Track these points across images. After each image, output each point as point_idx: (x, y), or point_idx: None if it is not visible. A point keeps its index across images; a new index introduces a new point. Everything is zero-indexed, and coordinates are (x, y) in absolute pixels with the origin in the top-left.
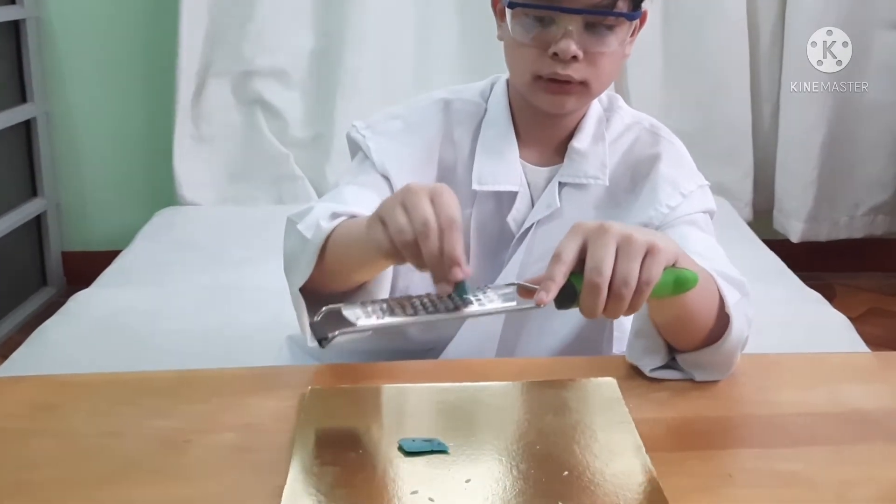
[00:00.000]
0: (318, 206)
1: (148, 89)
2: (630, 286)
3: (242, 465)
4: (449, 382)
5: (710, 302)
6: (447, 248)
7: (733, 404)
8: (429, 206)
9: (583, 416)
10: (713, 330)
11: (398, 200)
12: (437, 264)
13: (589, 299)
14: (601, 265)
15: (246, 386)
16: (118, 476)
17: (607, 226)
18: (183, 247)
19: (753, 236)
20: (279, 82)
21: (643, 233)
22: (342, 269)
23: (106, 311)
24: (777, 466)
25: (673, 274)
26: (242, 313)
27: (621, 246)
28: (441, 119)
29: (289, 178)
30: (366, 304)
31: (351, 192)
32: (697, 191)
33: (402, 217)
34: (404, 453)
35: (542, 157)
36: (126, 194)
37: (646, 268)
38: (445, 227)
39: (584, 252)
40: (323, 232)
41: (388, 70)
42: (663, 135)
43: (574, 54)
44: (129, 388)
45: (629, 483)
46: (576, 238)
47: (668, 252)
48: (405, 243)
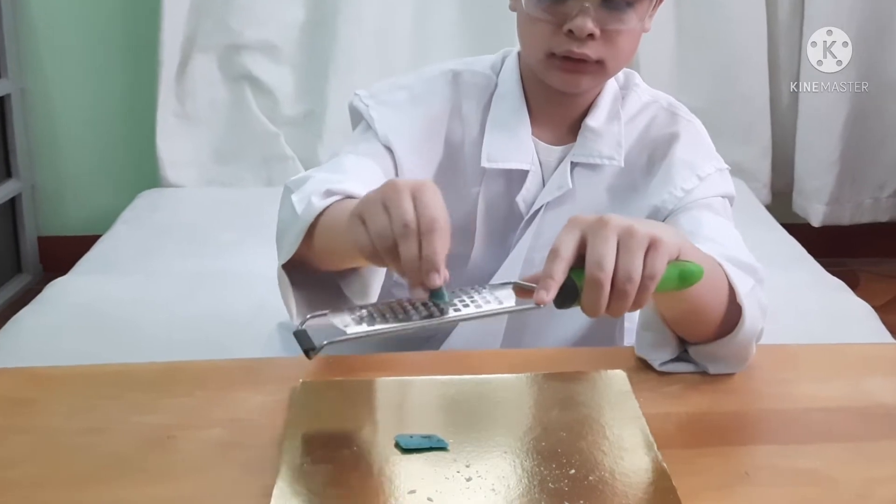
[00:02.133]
0: (315, 175)
1: (129, 64)
2: (634, 281)
3: (230, 462)
4: (449, 375)
5: (719, 293)
6: (426, 252)
7: (749, 398)
8: (410, 206)
9: (591, 411)
10: (725, 321)
11: (379, 198)
12: (413, 269)
13: (591, 296)
14: (602, 260)
15: (234, 378)
16: (98, 475)
17: (606, 218)
18: (166, 231)
19: (771, 220)
20: (268, 57)
21: (645, 225)
22: (329, 254)
23: (85, 299)
24: (796, 464)
25: (677, 268)
26: (230, 301)
27: (622, 239)
28: (449, 91)
29: (278, 158)
30: (354, 310)
31: (351, 162)
32: (715, 174)
33: (383, 217)
34: (401, 450)
35: (554, 136)
36: (106, 175)
37: (649, 262)
38: (425, 229)
39: (583, 247)
40: (313, 211)
41: (384, 44)
42: (682, 114)
43: (590, 32)
44: (109, 381)
45: (640, 482)
46: (574, 232)
47: (672, 244)
48: (385, 247)
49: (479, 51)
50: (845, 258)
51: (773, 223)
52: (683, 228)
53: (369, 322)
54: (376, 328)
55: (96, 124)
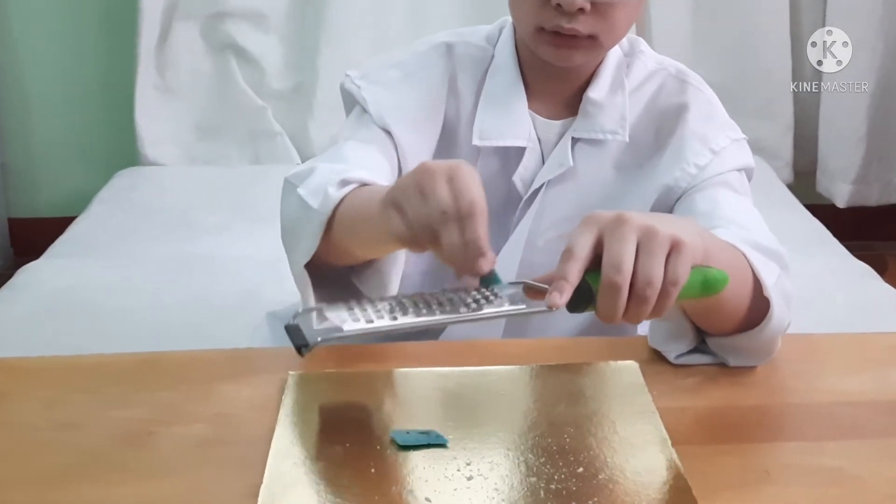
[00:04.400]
0: (320, 166)
1: (105, 33)
2: (654, 287)
3: (214, 460)
4: (448, 366)
5: (743, 286)
6: (469, 237)
7: (771, 392)
8: (447, 190)
9: (600, 405)
10: (750, 314)
11: (414, 183)
12: (459, 255)
13: (607, 301)
14: (620, 262)
15: (219, 370)
16: (73, 473)
17: (626, 216)
18: (146, 212)
19: (794, 200)
20: (255, 25)
21: (667, 224)
22: (349, 245)
23: (59, 285)
24: (820, 462)
25: (701, 274)
26: (215, 287)
27: (642, 240)
28: (444, 65)
29: (266, 134)
30: (352, 306)
31: (352, 150)
32: (731, 146)
33: (420, 203)
34: (398, 447)
35: (554, 110)
36: (81, 153)
37: (671, 266)
38: (466, 213)
39: (599, 246)
40: (331, 202)
41: (378, 11)
42: (691, 81)
43: (580, 7)
44: (85, 373)
45: (653, 481)
46: (590, 230)
47: (696, 247)
48: (427, 234)
49: (478, 18)
50: (873, 241)
51: (795, 204)
52: (700, 209)
53: (367, 319)
54: (375, 326)
55: (70, 98)
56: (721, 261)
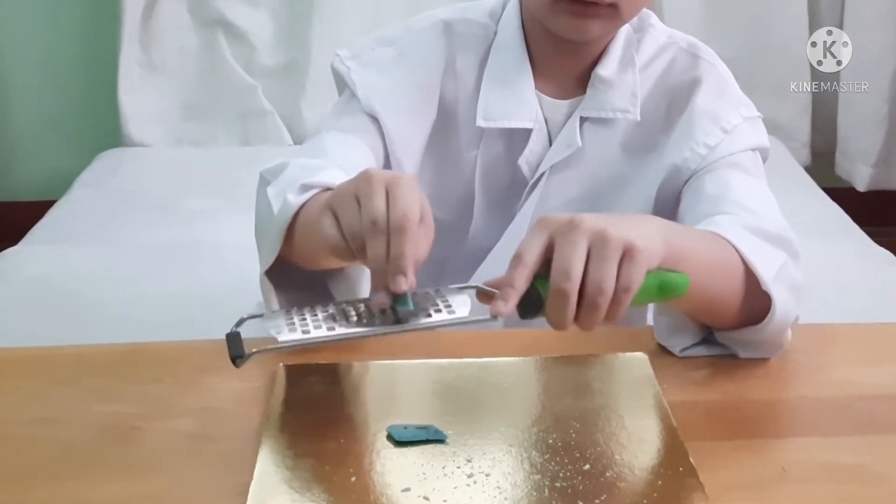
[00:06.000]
0: (293, 163)
1: (87, 6)
2: (605, 293)
3: (201, 457)
4: (448, 358)
5: (731, 281)
6: (394, 252)
7: (786, 384)
8: (382, 200)
9: (608, 399)
10: (750, 309)
11: (352, 190)
12: (379, 270)
13: (556, 308)
14: (569, 268)
15: (206, 362)
16: (52, 470)
17: (578, 219)
18: (130, 196)
19: (812, 184)
20: None
21: (623, 227)
22: (309, 253)
23: (37, 272)
24: (838, 458)
25: (658, 278)
26: (202, 275)
27: (594, 245)
28: (443, 45)
29: (256, 113)
30: (291, 314)
31: (333, 142)
32: (743, 124)
33: (354, 210)
34: (394, 443)
35: (561, 89)
36: (61, 133)
37: (624, 271)
38: (396, 227)
39: (551, 251)
40: (289, 210)
41: None
42: (703, 56)
43: None
44: (65, 365)
45: (663, 479)
46: (541, 234)
47: (653, 251)
48: (357, 244)
49: None
50: (894, 227)
51: (813, 187)
52: (708, 193)
53: (304, 329)
54: (311, 337)
55: (49, 74)
56: (698, 260)
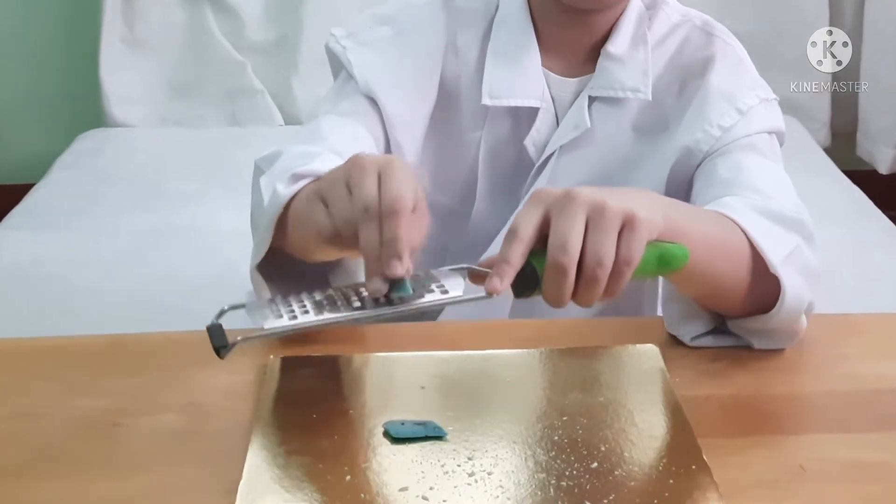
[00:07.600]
0: (287, 151)
1: None
2: (605, 266)
3: (188, 454)
4: (448, 350)
5: (737, 262)
6: (388, 236)
7: (804, 378)
8: (374, 185)
9: (617, 393)
10: (760, 294)
11: (342, 175)
12: (374, 255)
13: (553, 283)
14: (566, 241)
15: (192, 354)
16: (31, 468)
17: (574, 192)
18: (113, 179)
19: (832, 166)
20: None
21: (621, 198)
22: (303, 246)
23: (16, 259)
24: (860, 456)
25: (657, 250)
26: (188, 262)
27: (592, 217)
28: (443, 21)
29: (245, 91)
30: (276, 302)
31: (331, 127)
32: (759, 106)
33: (345, 196)
34: (391, 440)
35: (569, 67)
36: (40, 113)
37: (624, 243)
38: (388, 210)
39: (547, 226)
40: (279, 200)
41: None
42: (718, 34)
43: None
44: (45, 357)
45: (675, 477)
46: (536, 209)
47: (652, 222)
48: (348, 229)
49: None
50: None
51: (833, 170)
52: (721, 176)
53: (292, 315)
54: (298, 322)
55: (27, 51)
56: (699, 236)
